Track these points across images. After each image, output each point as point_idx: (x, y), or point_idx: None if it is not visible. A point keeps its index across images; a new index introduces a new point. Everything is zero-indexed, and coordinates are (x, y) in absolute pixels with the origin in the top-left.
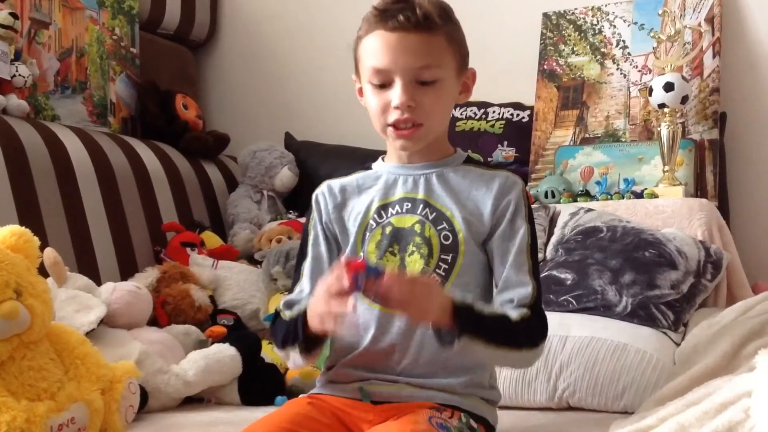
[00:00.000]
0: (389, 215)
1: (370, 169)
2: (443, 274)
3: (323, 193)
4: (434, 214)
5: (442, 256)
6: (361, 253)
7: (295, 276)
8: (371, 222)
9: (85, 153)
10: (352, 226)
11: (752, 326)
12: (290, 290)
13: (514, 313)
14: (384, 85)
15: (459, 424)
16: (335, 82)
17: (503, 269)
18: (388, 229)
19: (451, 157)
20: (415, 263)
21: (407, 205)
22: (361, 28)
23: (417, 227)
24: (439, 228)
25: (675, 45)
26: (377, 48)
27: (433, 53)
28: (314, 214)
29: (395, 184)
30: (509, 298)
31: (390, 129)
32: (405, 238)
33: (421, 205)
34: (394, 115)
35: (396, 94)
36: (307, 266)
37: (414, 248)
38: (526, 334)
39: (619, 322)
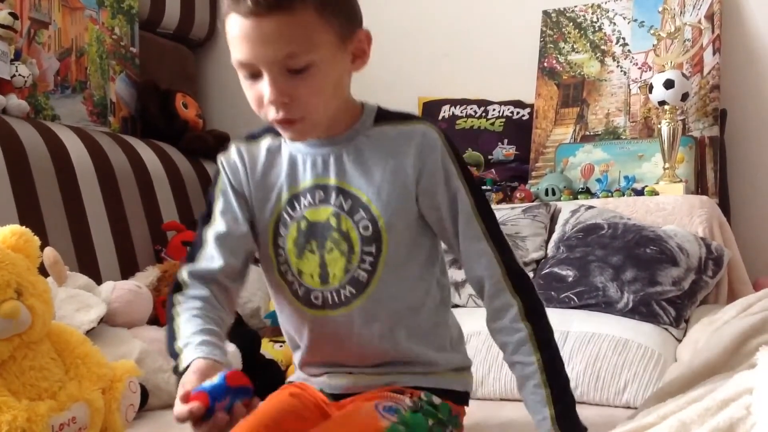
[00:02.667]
0: (302, 207)
1: (280, 135)
2: (369, 268)
3: (234, 159)
4: (349, 202)
5: (365, 249)
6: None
7: (198, 240)
8: (284, 215)
9: (85, 152)
10: (261, 213)
11: (753, 323)
12: (191, 255)
13: (524, 350)
14: (254, 75)
15: (415, 403)
16: None
17: (458, 242)
18: (303, 224)
19: (359, 122)
20: (336, 261)
21: (320, 195)
22: (224, 3)
23: (333, 221)
24: (356, 219)
25: (675, 42)
26: (235, 37)
27: (297, 37)
28: (223, 178)
29: (304, 166)
30: (479, 285)
31: (274, 122)
32: (322, 234)
33: (334, 193)
34: (271, 113)
35: (265, 89)
36: (214, 234)
37: (332, 245)
38: (544, 335)
39: (620, 319)
